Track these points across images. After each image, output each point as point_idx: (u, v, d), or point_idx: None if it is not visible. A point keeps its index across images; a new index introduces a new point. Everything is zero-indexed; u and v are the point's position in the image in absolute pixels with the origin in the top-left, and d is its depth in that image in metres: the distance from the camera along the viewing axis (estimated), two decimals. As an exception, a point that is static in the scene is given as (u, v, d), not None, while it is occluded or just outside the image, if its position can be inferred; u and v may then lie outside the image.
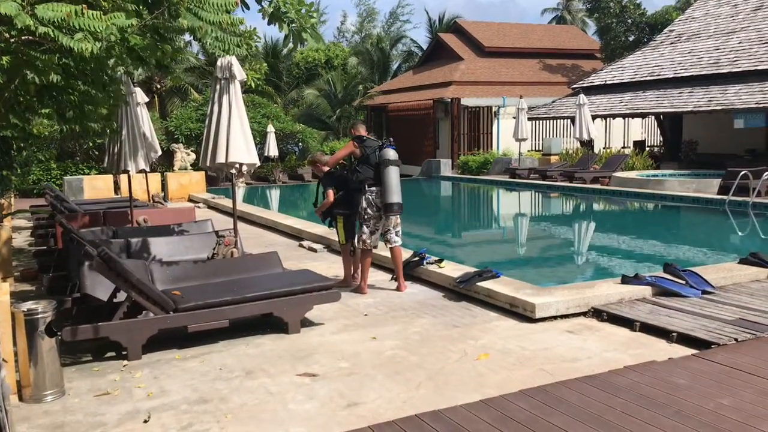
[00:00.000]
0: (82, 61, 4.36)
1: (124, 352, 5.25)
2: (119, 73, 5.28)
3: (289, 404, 4.32)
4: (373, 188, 7.09)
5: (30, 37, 4.14)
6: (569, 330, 5.76)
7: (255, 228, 12.76)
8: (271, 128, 24.69)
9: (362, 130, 7.54)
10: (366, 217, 7.15)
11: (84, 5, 3.92)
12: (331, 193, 7.46)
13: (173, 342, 5.51)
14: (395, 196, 6.97)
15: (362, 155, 7.18)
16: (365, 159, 7.15)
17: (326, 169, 7.57)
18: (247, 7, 5.03)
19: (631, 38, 30.47)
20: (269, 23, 5.23)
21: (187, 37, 4.60)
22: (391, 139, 7.35)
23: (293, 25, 5.32)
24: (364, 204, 7.14)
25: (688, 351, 5.08)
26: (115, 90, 5.13)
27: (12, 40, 4.14)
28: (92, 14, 3.91)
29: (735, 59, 19.40)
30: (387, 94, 31.65)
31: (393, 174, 7.01)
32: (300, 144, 28.31)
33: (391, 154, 7.06)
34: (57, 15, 3.78)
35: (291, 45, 5.17)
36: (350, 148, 7.26)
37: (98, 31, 3.87)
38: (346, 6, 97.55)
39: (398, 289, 7.24)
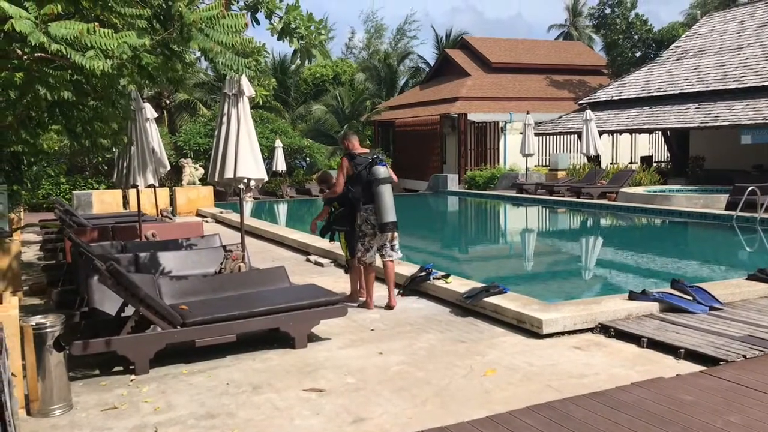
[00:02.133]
0: (94, 78, 4.42)
1: (131, 367, 5.26)
2: (129, 89, 5.34)
3: (295, 419, 4.32)
4: (367, 206, 7.00)
5: (42, 54, 4.20)
6: (576, 346, 5.74)
7: (262, 242, 12.80)
8: (279, 143, 24.81)
9: (355, 142, 7.32)
10: (360, 234, 7.11)
11: (96, 23, 3.99)
12: (326, 209, 7.65)
13: (180, 356, 5.53)
14: (389, 215, 6.85)
15: (352, 173, 7.05)
16: (356, 177, 7.02)
17: (337, 192, 7.29)
18: (258, 23, 5.10)
19: (638, 54, 30.55)
20: (279, 39, 5.30)
21: (197, 52, 4.65)
22: (380, 156, 7.18)
23: (302, 41, 5.38)
24: (359, 221, 7.10)
25: (696, 368, 5.06)
26: (124, 106, 5.19)
27: (25, 57, 4.21)
28: (104, 32, 3.97)
29: (742, 75, 19.42)
30: (394, 109, 31.77)
31: (385, 193, 6.87)
32: (307, 159, 28.42)
33: (382, 171, 6.89)
34: (70, 33, 3.84)
35: (299, 61, 5.22)
36: (343, 168, 7.15)
37: (110, 49, 3.92)
38: (353, 22, 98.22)
39: (389, 305, 7.14)
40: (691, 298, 6.68)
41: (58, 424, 4.34)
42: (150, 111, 11.39)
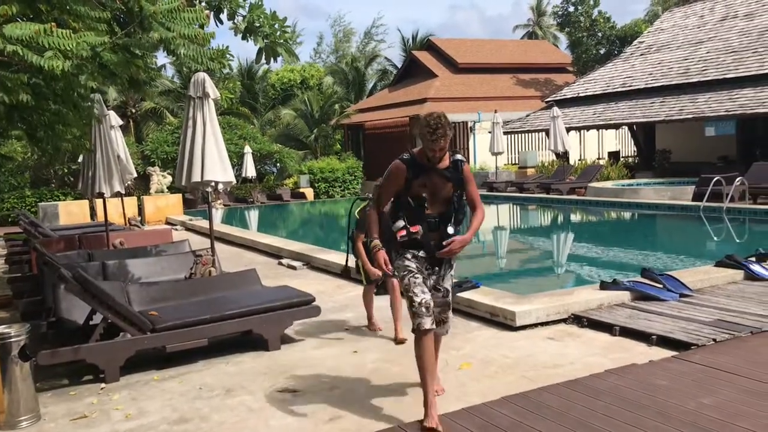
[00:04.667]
0: (53, 80, 4.33)
1: (101, 375, 5.16)
2: (92, 95, 5.24)
3: (270, 420, 4.26)
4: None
5: (-1, 57, 4.10)
6: (550, 337, 5.77)
7: (233, 248, 12.67)
8: (248, 149, 24.62)
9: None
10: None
11: (53, 23, 3.90)
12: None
13: (151, 363, 5.43)
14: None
15: None
16: None
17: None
18: (221, 22, 5.03)
19: (602, 51, 30.96)
20: (243, 38, 5.24)
21: (161, 60, 4.59)
22: None
23: (267, 40, 5.34)
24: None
25: (668, 353, 5.10)
26: (87, 108, 5.08)
27: (-20, 60, 4.10)
28: (62, 33, 3.88)
29: (704, 69, 19.76)
30: (363, 112, 31.73)
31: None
32: (278, 164, 28.24)
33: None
34: (25, 33, 3.76)
35: (265, 63, 5.18)
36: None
37: (68, 49, 3.84)
38: (322, 28, 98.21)
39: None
40: (661, 285, 6.75)
41: (25, 436, 4.22)
42: (115, 118, 11.23)
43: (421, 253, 4.05)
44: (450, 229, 4.02)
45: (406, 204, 4.00)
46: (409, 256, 4.04)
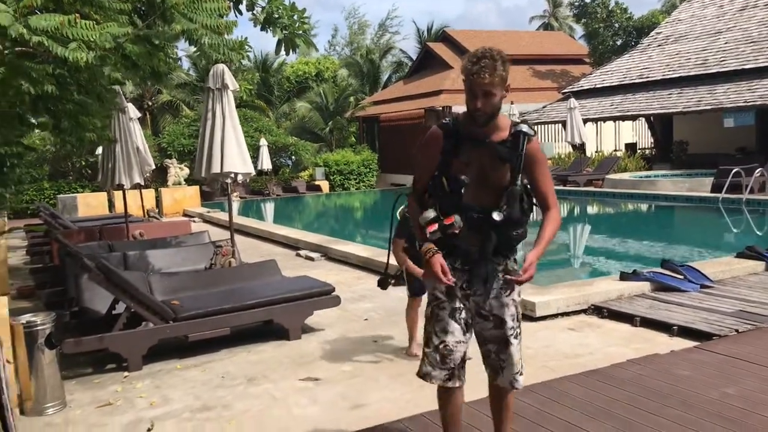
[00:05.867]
0: (77, 71, 4.36)
1: (124, 364, 5.21)
2: (113, 84, 5.27)
3: (293, 408, 4.29)
4: None
5: (23, 49, 4.14)
6: (570, 327, 5.76)
7: (251, 239, 12.73)
8: (263, 142, 24.67)
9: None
10: None
11: (77, 15, 3.93)
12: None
13: (174, 352, 5.48)
14: None
15: None
16: None
17: None
18: (240, 13, 5.05)
19: (619, 42, 30.66)
20: (262, 29, 5.25)
21: (179, 52, 4.62)
22: None
23: (285, 31, 5.35)
24: None
25: (690, 343, 5.08)
26: (110, 99, 5.13)
27: (6, 51, 4.14)
28: (85, 24, 3.91)
29: (722, 59, 19.54)
30: (378, 104, 31.69)
31: None
32: (293, 157, 28.30)
33: None
34: (50, 24, 3.78)
35: (283, 55, 5.19)
36: None
37: (92, 40, 3.87)
38: (337, 20, 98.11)
39: None
40: (682, 276, 6.71)
41: (52, 422, 4.28)
42: (133, 110, 11.29)
43: (457, 264, 2.88)
44: (497, 216, 2.76)
45: (439, 185, 2.83)
46: None
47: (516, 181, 2.79)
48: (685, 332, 5.34)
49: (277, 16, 5.32)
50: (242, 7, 5.23)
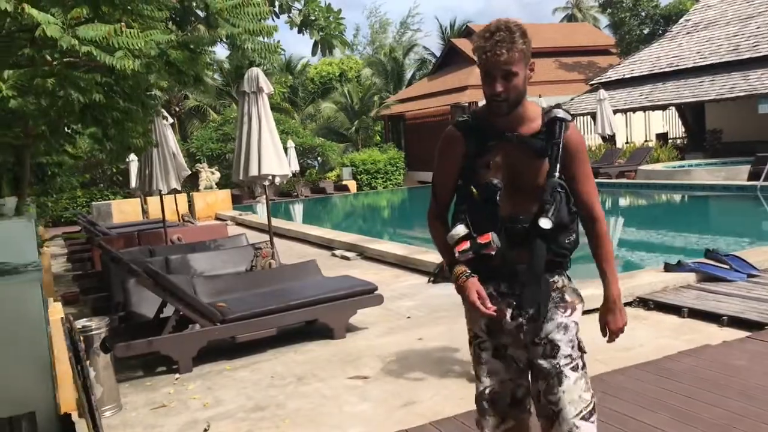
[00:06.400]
0: (123, 79, 4.44)
1: (174, 366, 5.29)
2: (155, 90, 5.36)
3: (344, 406, 4.32)
4: None
5: (71, 59, 4.23)
6: (616, 320, 5.69)
7: (284, 240, 12.80)
8: (291, 143, 24.82)
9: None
10: None
11: (123, 24, 4.00)
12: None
13: (222, 354, 5.55)
14: None
15: None
16: None
17: None
18: (277, 16, 5.10)
19: (646, 31, 30.25)
20: (299, 32, 5.30)
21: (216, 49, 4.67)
22: None
23: (322, 33, 5.38)
24: None
25: (741, 333, 5.00)
26: (153, 106, 5.21)
27: (54, 63, 4.23)
28: (130, 32, 3.98)
29: (755, 44, 19.17)
30: (403, 102, 31.68)
31: None
32: (320, 158, 28.43)
33: None
34: (98, 34, 3.85)
35: (306, 56, 5.19)
36: None
37: (138, 48, 3.94)
38: (358, 20, 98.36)
39: None
40: (727, 266, 6.61)
41: (110, 425, 4.36)
42: (167, 116, 11.44)
43: (503, 288, 2.34)
44: (545, 222, 2.20)
45: (467, 196, 2.33)
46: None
47: (554, 172, 2.24)
48: (735, 322, 5.25)
49: (313, 18, 5.36)
50: (275, 9, 5.29)
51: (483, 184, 2.29)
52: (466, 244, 2.27)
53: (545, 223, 2.19)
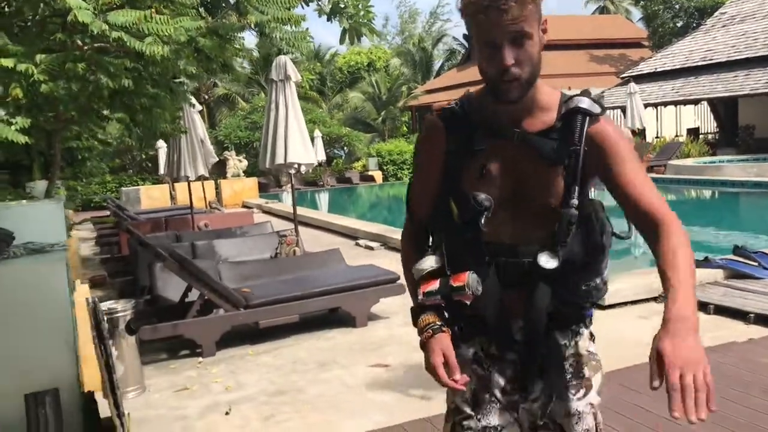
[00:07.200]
0: (152, 65, 4.49)
1: (197, 350, 5.36)
2: (186, 76, 5.42)
3: (366, 394, 4.34)
4: None
5: (101, 44, 4.28)
6: (641, 315, 5.65)
7: (309, 229, 12.86)
8: (318, 133, 24.91)
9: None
10: None
11: (153, 10, 4.05)
12: None
13: (245, 339, 5.61)
14: None
15: None
16: None
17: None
18: (306, 4, 5.11)
19: (680, 24, 29.78)
20: (328, 19, 5.31)
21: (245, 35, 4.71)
22: None
23: (351, 20, 5.39)
24: None
25: (768, 331, 4.93)
26: (181, 92, 5.26)
27: (85, 48, 4.29)
28: (160, 19, 4.03)
29: (792, 38, 18.78)
30: (431, 93, 31.59)
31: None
32: (345, 148, 28.50)
33: None
34: (128, 20, 3.90)
35: (335, 45, 5.19)
36: None
37: (167, 34, 3.98)
38: (387, 10, 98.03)
39: None
40: (756, 263, 6.50)
41: (134, 406, 4.43)
42: (194, 103, 11.54)
43: (492, 350, 1.73)
44: (545, 260, 1.59)
45: (445, 213, 1.66)
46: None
47: (572, 196, 1.59)
48: (762, 320, 5.17)
49: (343, 5, 5.37)
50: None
51: (465, 197, 1.59)
52: (434, 284, 1.64)
53: (547, 261, 1.58)
